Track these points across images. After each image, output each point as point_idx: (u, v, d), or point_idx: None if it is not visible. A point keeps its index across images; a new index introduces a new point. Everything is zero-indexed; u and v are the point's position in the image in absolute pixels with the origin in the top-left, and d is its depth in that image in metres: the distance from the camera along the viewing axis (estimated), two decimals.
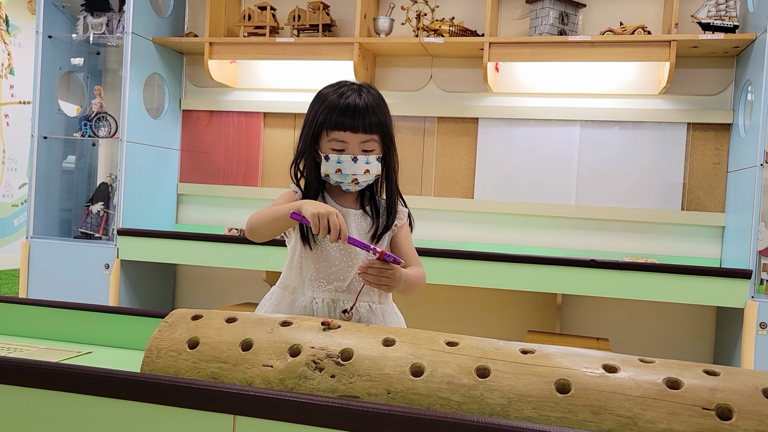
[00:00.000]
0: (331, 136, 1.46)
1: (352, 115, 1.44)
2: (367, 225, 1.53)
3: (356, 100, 1.46)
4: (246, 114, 3.71)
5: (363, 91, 1.48)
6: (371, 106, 1.46)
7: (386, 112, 1.51)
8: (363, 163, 1.46)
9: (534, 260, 2.82)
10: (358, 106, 1.45)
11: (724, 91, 3.12)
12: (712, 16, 2.90)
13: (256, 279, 3.52)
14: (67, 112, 3.68)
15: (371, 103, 1.47)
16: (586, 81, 3.27)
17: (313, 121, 1.48)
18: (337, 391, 1.08)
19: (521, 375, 1.04)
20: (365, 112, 1.45)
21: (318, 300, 1.50)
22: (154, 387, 1.05)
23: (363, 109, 1.45)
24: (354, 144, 1.46)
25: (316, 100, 1.52)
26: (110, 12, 3.53)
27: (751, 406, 0.94)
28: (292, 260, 1.56)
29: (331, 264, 1.50)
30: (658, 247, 3.20)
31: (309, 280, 1.51)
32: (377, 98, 1.50)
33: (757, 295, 2.72)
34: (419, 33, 3.26)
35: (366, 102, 1.46)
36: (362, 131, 1.45)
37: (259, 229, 1.47)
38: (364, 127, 1.45)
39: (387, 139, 1.50)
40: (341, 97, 1.46)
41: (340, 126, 1.45)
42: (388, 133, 1.50)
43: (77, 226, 3.62)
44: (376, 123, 1.47)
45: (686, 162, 3.17)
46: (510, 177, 3.35)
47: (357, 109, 1.44)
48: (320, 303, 1.49)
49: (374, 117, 1.46)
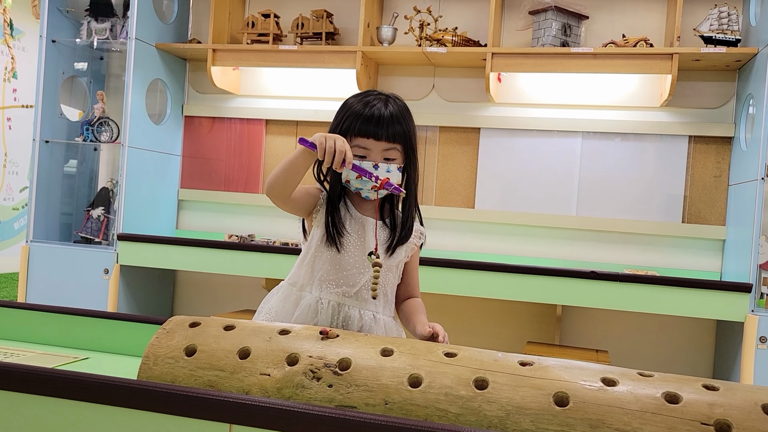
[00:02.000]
0: (354, 143, 1.47)
1: (377, 123, 1.46)
2: (386, 236, 1.53)
3: (382, 109, 1.48)
4: (248, 121, 3.71)
5: (390, 101, 1.50)
6: (396, 115, 1.48)
7: (411, 124, 1.52)
8: (384, 171, 1.45)
9: (534, 271, 2.81)
10: (383, 115, 1.47)
11: (725, 105, 3.13)
12: (715, 30, 2.91)
13: (256, 286, 3.52)
14: (70, 116, 3.69)
15: (396, 113, 1.49)
16: (588, 92, 3.28)
17: (338, 127, 1.50)
18: (334, 401, 1.08)
19: (519, 387, 1.03)
20: (390, 121, 1.47)
21: (324, 301, 1.49)
22: (150, 394, 1.05)
23: (388, 118, 1.47)
24: (376, 152, 1.47)
25: (342, 108, 1.53)
26: (114, 17, 3.54)
27: (750, 422, 0.93)
28: (304, 257, 1.56)
29: (343, 267, 1.50)
30: (658, 260, 3.19)
31: (318, 280, 1.51)
32: (403, 109, 1.51)
33: (757, 308, 2.71)
34: (422, 43, 3.27)
35: (391, 111, 1.48)
36: (385, 139, 1.47)
37: (275, 179, 1.43)
38: (387, 135, 1.47)
39: (409, 150, 1.51)
40: (367, 106, 1.48)
41: (364, 133, 1.46)
42: (411, 144, 1.51)
43: (77, 230, 3.62)
44: (400, 133, 1.48)
45: (687, 175, 3.17)
46: (511, 187, 3.35)
47: (382, 117, 1.47)
48: (325, 304, 1.49)
49: (398, 127, 1.48)
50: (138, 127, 3.42)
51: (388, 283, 1.54)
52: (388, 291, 1.54)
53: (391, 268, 1.54)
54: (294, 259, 1.63)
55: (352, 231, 1.51)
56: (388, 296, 1.55)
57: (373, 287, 1.38)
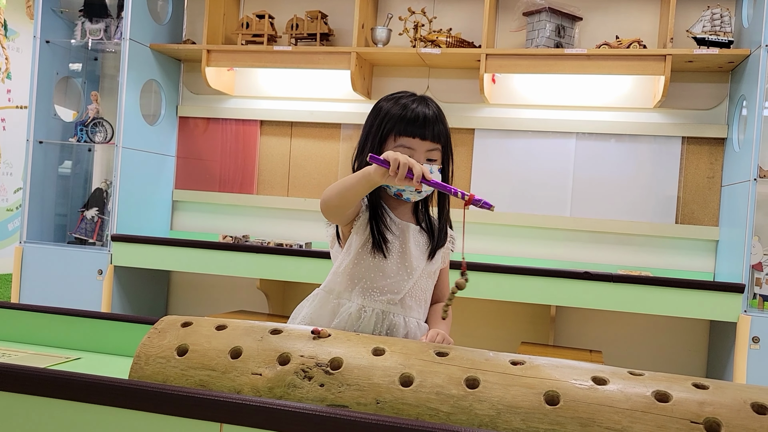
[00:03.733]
0: (398, 143, 1.45)
1: (422, 124, 1.46)
2: (425, 241, 1.52)
3: (425, 109, 1.48)
4: (243, 122, 3.71)
5: (428, 102, 1.51)
6: (438, 116, 1.50)
7: (447, 125, 1.53)
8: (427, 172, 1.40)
9: (528, 272, 2.82)
10: (427, 115, 1.47)
11: (718, 106, 3.14)
12: (707, 31, 2.92)
13: (251, 287, 3.51)
14: (64, 117, 3.68)
15: (438, 113, 1.50)
16: (581, 94, 3.29)
17: (380, 129, 1.48)
18: (325, 401, 1.08)
19: (510, 386, 1.03)
20: (434, 122, 1.47)
21: (368, 309, 1.46)
22: (141, 394, 1.05)
23: (432, 118, 1.47)
24: (421, 152, 1.46)
25: (376, 112, 1.52)
26: (108, 18, 3.53)
27: (739, 420, 0.94)
28: (340, 265, 1.51)
29: (387, 275, 1.47)
30: (651, 260, 3.20)
31: (361, 288, 1.47)
32: (440, 110, 1.53)
33: (750, 309, 2.72)
34: (416, 44, 3.27)
35: (433, 112, 1.49)
36: (430, 139, 1.46)
37: (340, 198, 1.38)
38: (432, 135, 1.46)
39: (448, 151, 1.53)
40: (407, 107, 1.48)
41: (410, 133, 1.45)
42: (450, 144, 1.53)
43: (71, 231, 3.61)
44: (443, 133, 1.49)
45: (680, 176, 3.18)
46: (505, 188, 3.36)
47: (426, 117, 1.47)
48: (369, 312, 1.46)
49: (441, 126, 1.49)
50: (132, 127, 3.42)
51: (427, 289, 1.53)
52: (428, 297, 1.54)
53: (430, 273, 1.54)
54: (288, 260, 1.64)
55: (395, 237, 1.49)
56: (427, 302, 1.55)
57: (444, 308, 1.38)
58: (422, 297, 1.51)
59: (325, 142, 3.58)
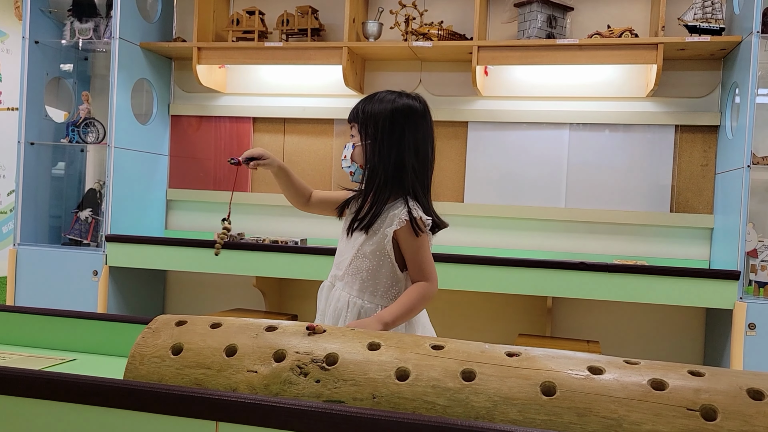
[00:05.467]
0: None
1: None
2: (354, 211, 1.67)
3: (361, 101, 1.67)
4: (235, 119, 3.69)
5: (376, 96, 1.65)
6: (363, 104, 1.64)
7: (372, 109, 1.62)
8: (345, 149, 1.68)
9: (524, 263, 2.82)
10: (357, 104, 1.67)
11: (711, 94, 3.14)
12: (699, 19, 2.92)
13: (246, 285, 3.51)
14: (55, 118, 3.66)
15: (364, 102, 1.65)
16: (574, 84, 3.28)
17: None
18: (322, 396, 1.07)
19: (507, 378, 1.03)
20: (355, 108, 1.66)
21: (325, 283, 1.71)
22: (136, 394, 1.04)
23: (357, 105, 1.66)
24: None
25: None
26: (97, 17, 3.51)
27: (735, 407, 0.94)
28: None
29: (339, 252, 1.69)
30: (647, 249, 3.20)
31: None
32: (374, 99, 1.64)
33: (746, 296, 2.73)
34: (408, 37, 3.26)
35: (362, 101, 1.65)
36: (348, 121, 1.69)
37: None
38: (349, 118, 1.68)
39: (366, 129, 1.62)
40: None
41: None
42: (368, 124, 1.61)
43: (65, 232, 3.59)
44: (357, 115, 1.65)
45: (674, 164, 3.18)
46: (500, 180, 3.35)
47: (356, 106, 1.67)
48: (324, 286, 1.71)
49: (356, 110, 1.65)
50: (124, 127, 3.40)
51: (363, 268, 1.60)
52: (365, 276, 1.60)
53: (366, 254, 1.59)
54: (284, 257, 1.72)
55: (346, 218, 1.70)
56: (365, 281, 1.59)
57: (216, 245, 1.66)
58: (358, 275, 1.61)
59: (318, 138, 3.57)
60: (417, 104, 1.63)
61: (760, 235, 2.92)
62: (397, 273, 1.60)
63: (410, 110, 1.60)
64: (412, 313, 1.53)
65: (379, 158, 1.58)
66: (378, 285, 1.60)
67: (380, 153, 1.58)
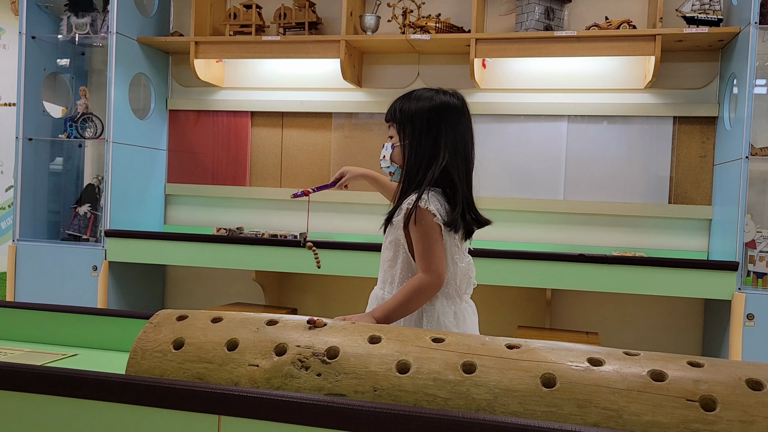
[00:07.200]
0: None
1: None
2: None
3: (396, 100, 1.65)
4: (233, 113, 3.69)
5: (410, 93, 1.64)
6: (398, 101, 1.63)
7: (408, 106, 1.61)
8: (383, 149, 1.65)
9: (523, 256, 2.82)
10: (392, 103, 1.65)
11: (709, 85, 3.14)
12: (696, 10, 2.92)
13: (246, 279, 3.51)
14: (53, 113, 3.65)
15: (400, 99, 1.63)
16: (572, 76, 3.28)
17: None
18: (323, 390, 1.08)
19: (507, 370, 1.04)
20: (391, 106, 1.64)
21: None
22: (138, 388, 1.05)
23: (392, 104, 1.64)
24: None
25: None
26: (94, 12, 3.50)
27: (734, 397, 0.95)
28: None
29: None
30: (645, 241, 3.21)
31: None
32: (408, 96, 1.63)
33: (744, 286, 2.73)
34: (406, 30, 3.25)
35: (398, 99, 1.63)
36: (386, 120, 1.66)
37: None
38: (386, 117, 1.66)
39: (405, 128, 1.61)
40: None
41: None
42: (406, 122, 1.60)
43: (64, 228, 3.59)
44: (394, 113, 1.63)
45: (673, 155, 3.18)
46: (498, 173, 3.35)
47: (391, 105, 1.65)
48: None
49: (393, 109, 1.63)
50: (122, 122, 3.40)
51: (385, 259, 1.64)
52: (386, 267, 1.63)
53: (387, 245, 1.63)
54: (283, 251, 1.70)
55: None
56: (386, 272, 1.64)
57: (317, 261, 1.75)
58: (382, 266, 1.65)
59: (317, 131, 3.56)
60: (455, 101, 1.61)
61: (758, 226, 2.92)
62: (411, 264, 1.58)
63: (448, 108, 1.59)
64: (409, 307, 1.49)
65: (416, 158, 1.57)
66: (395, 275, 1.60)
67: (417, 153, 1.57)
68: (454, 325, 1.59)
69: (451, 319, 1.58)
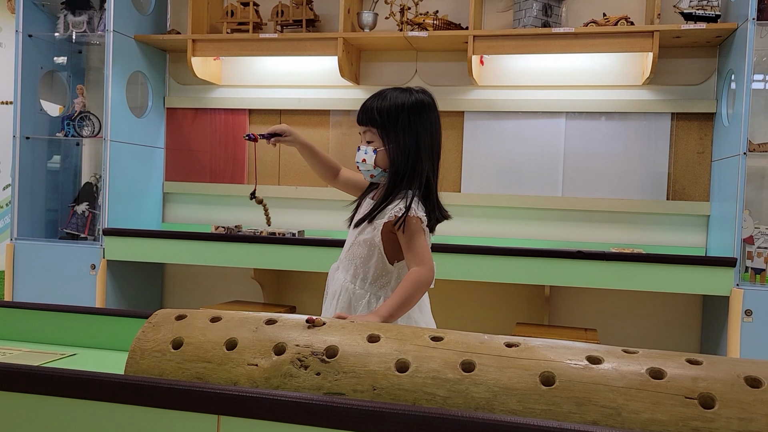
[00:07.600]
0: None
1: (359, 112, 1.64)
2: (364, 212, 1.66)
3: (370, 101, 1.62)
4: (231, 111, 3.68)
5: (383, 94, 1.62)
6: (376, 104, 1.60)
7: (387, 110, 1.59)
8: (362, 153, 1.62)
9: (521, 252, 2.82)
10: (365, 105, 1.62)
11: (707, 81, 3.14)
12: (694, 6, 2.91)
13: (245, 277, 3.51)
14: (50, 111, 3.64)
15: (378, 102, 1.60)
16: (570, 73, 3.28)
17: None
18: (322, 389, 1.08)
19: (506, 368, 1.04)
20: (367, 109, 1.60)
21: (335, 264, 1.77)
22: (137, 388, 1.05)
23: (368, 106, 1.61)
24: (361, 134, 1.64)
25: None
26: (91, 10, 3.49)
27: (733, 394, 0.95)
28: None
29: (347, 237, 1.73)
30: (644, 237, 3.21)
31: None
32: (387, 98, 1.60)
33: (742, 282, 2.74)
34: (403, 27, 3.25)
35: (374, 101, 1.61)
36: (360, 123, 1.63)
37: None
38: (361, 120, 1.62)
39: (387, 132, 1.59)
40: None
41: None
42: (388, 126, 1.59)
43: (62, 226, 3.59)
44: (372, 117, 1.60)
45: (671, 152, 3.19)
46: (497, 170, 3.35)
47: (363, 106, 1.62)
48: (333, 266, 1.76)
49: (372, 113, 1.60)
50: (120, 120, 3.39)
51: (357, 255, 1.64)
52: (358, 263, 1.63)
53: (361, 242, 1.63)
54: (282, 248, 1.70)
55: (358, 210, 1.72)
56: (358, 268, 1.63)
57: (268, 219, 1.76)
58: (353, 261, 1.64)
59: (315, 129, 3.56)
60: (427, 98, 1.64)
61: (756, 222, 2.93)
62: (386, 265, 1.62)
63: (423, 106, 1.61)
64: (410, 301, 1.52)
65: (402, 160, 1.58)
66: (368, 273, 1.63)
67: (402, 155, 1.58)
68: (420, 316, 1.67)
69: (417, 311, 1.65)
